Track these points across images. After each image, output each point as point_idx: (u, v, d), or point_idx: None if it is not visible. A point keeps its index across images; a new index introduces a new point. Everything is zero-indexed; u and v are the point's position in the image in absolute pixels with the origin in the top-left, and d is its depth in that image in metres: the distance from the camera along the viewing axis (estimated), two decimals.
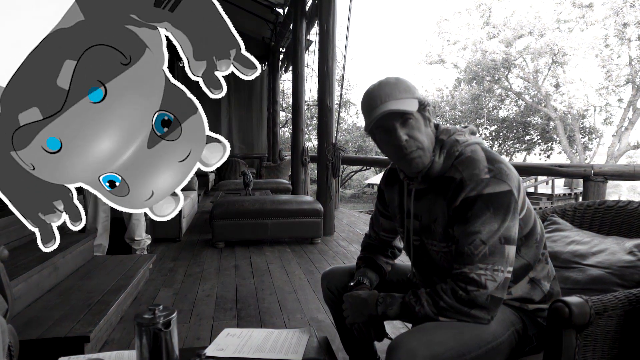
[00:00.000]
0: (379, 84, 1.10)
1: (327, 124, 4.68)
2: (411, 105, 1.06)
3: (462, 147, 1.09)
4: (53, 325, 1.85)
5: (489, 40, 19.17)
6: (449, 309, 0.99)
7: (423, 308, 1.02)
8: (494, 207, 0.99)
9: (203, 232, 4.89)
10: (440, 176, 1.10)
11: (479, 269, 0.97)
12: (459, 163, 1.06)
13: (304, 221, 4.24)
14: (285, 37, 8.75)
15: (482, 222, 0.99)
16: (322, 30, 4.58)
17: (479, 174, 1.02)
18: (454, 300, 0.98)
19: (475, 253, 0.98)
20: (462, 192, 1.02)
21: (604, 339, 0.96)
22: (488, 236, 0.98)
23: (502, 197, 1.00)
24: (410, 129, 1.07)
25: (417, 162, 1.08)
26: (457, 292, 0.98)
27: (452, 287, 0.99)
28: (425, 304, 1.02)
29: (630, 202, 1.41)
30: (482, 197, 1.00)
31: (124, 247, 3.55)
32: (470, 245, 0.99)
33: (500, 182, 1.01)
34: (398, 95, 1.06)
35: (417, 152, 1.07)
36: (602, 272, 1.18)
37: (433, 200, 1.12)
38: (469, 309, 0.98)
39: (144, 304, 2.61)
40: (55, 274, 2.42)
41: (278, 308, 2.56)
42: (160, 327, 0.99)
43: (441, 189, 1.09)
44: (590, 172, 3.53)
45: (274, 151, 10.34)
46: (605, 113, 18.16)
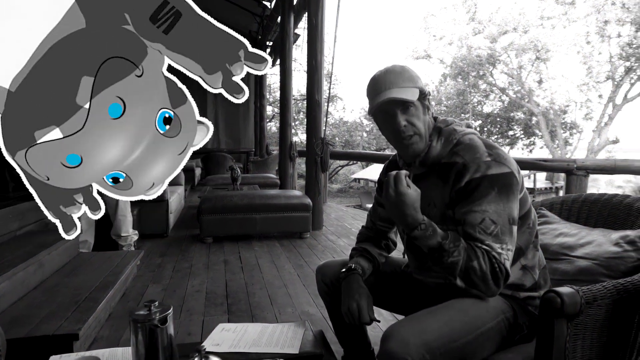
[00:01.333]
0: (385, 71, 1.16)
1: (315, 119, 4.68)
2: (412, 94, 1.11)
3: (459, 135, 1.15)
4: (40, 323, 1.82)
5: (474, 36, 19.38)
6: (478, 272, 1.00)
7: (457, 261, 1.01)
8: (498, 187, 1.04)
9: (190, 227, 4.85)
10: (439, 162, 1.15)
11: (498, 248, 1.01)
12: (459, 149, 1.12)
13: (292, 216, 4.24)
14: (272, 30, 8.67)
15: (488, 202, 1.03)
16: (311, 24, 4.55)
17: (481, 157, 1.07)
18: (489, 267, 1.00)
19: (488, 232, 1.01)
20: (467, 173, 1.06)
21: (593, 327, 0.99)
22: (496, 216, 1.02)
23: (505, 178, 1.05)
24: (409, 115, 1.13)
25: (414, 147, 1.15)
26: (493, 262, 1.00)
27: (488, 256, 1.00)
28: (461, 257, 1.01)
29: (615, 195, 1.45)
30: (487, 177, 1.04)
31: (111, 244, 3.50)
32: (482, 225, 1.02)
33: (501, 165, 1.06)
34: (401, 84, 1.12)
35: (414, 138, 1.14)
36: (589, 264, 1.21)
37: (430, 185, 1.15)
38: (491, 280, 1.00)
39: (132, 301, 2.58)
40: (40, 271, 2.37)
41: (269, 302, 2.57)
42: (157, 324, 0.98)
43: (441, 174, 1.13)
44: (573, 166, 3.62)
45: (261, 146, 10.29)
46: (585, 109, 18.56)
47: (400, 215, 1.05)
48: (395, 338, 0.93)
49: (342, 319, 1.39)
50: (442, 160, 1.14)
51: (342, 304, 1.22)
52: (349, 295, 1.20)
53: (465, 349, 0.97)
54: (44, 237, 2.79)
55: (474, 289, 1.03)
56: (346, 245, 4.03)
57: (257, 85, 10.42)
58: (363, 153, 12.11)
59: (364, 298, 1.19)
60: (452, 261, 1.01)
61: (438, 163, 1.15)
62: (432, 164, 1.16)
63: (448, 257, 1.02)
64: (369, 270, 1.31)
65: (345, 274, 1.26)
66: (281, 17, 6.32)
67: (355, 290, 1.21)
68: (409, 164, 1.22)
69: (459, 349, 0.96)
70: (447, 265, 1.02)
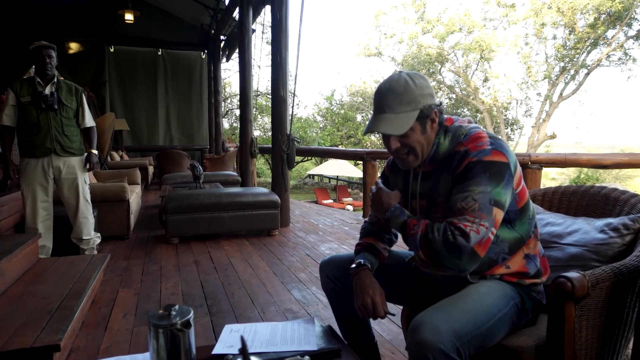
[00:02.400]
0: (388, 88, 1.16)
1: (281, 115, 4.65)
2: (408, 121, 1.14)
3: (466, 130, 1.18)
4: (14, 336, 1.69)
5: (424, 35, 20.01)
6: (434, 243, 1.07)
7: (416, 232, 1.12)
8: (490, 172, 1.08)
9: (152, 227, 4.67)
10: (447, 154, 1.19)
11: (467, 220, 1.05)
12: (464, 139, 1.16)
13: (261, 213, 4.19)
14: (227, 24, 8.47)
15: (476, 183, 1.07)
16: (275, 20, 4.50)
17: (482, 145, 1.11)
18: (441, 239, 1.06)
19: (466, 207, 1.06)
20: (466, 159, 1.11)
21: (595, 308, 1.07)
22: (479, 196, 1.06)
23: (499, 166, 1.09)
24: (403, 138, 1.16)
25: (407, 163, 1.22)
26: (447, 233, 1.05)
27: (444, 227, 1.07)
28: (420, 231, 1.12)
29: (592, 187, 1.57)
30: (481, 162, 1.09)
31: (70, 248, 3.29)
32: (463, 202, 1.07)
33: (499, 154, 1.10)
34: (399, 109, 1.14)
35: (409, 157, 1.20)
36: (580, 250, 1.31)
37: (438, 177, 1.20)
38: (448, 251, 1.05)
39: (104, 307, 2.45)
40: (2, 279, 2.20)
41: (250, 301, 2.53)
42: (181, 328, 0.94)
43: (446, 165, 1.17)
44: (528, 160, 3.87)
45: (217, 143, 10.03)
46: (525, 106, 19.80)
47: (377, 206, 1.25)
48: (426, 327, 0.95)
49: (346, 314, 1.41)
50: (450, 152, 1.18)
51: (355, 299, 1.24)
52: (363, 291, 1.22)
53: (487, 334, 1.03)
54: (0, 243, 2.58)
55: (440, 264, 1.07)
56: (316, 241, 4.05)
57: (211, 82, 10.15)
58: (327, 149, 12.18)
59: (378, 293, 1.21)
60: (412, 233, 1.13)
61: (446, 156, 1.19)
62: (441, 160, 1.20)
63: (410, 230, 1.14)
64: (376, 264, 1.33)
65: (355, 269, 1.28)
66: (240, 11, 6.18)
67: (368, 285, 1.22)
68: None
69: (482, 335, 1.01)
70: (411, 238, 1.13)
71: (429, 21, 19.68)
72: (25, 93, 2.92)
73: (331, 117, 22.92)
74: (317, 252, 3.66)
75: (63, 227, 3.28)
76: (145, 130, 10.24)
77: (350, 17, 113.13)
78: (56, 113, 2.97)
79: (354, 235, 4.28)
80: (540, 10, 16.99)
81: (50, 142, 2.97)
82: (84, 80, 8.47)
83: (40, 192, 3.02)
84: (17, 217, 3.49)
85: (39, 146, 2.96)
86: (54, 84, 2.99)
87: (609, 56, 16.90)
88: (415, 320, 0.99)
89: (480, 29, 18.94)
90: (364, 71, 43.43)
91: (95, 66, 9.33)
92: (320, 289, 2.70)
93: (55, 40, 3.37)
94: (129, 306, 2.47)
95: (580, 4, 15.87)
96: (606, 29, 16.13)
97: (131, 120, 9.86)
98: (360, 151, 5.77)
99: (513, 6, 18.38)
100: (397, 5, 20.93)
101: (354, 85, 22.89)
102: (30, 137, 2.95)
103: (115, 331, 2.14)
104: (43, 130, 2.94)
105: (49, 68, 2.95)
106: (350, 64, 68.06)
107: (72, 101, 3.07)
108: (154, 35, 9.74)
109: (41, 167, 2.99)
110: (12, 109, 2.93)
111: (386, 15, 21.24)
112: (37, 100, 2.91)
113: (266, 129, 20.83)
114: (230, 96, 19.23)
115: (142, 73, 9.98)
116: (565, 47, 17.29)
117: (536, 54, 18.59)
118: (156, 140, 10.31)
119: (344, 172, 17.52)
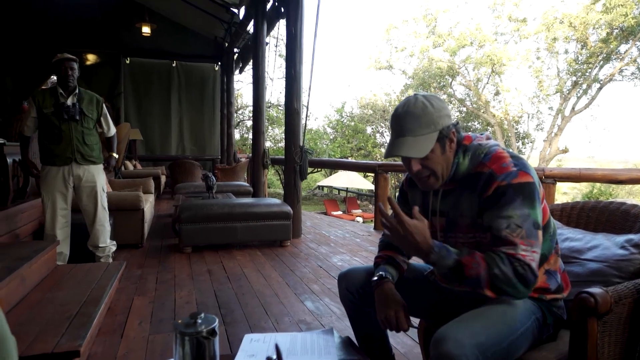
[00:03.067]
0: (406, 111, 1.16)
1: (294, 127, 4.69)
2: (428, 143, 1.14)
3: (486, 149, 1.19)
4: (34, 341, 1.72)
5: (435, 48, 20.09)
6: (501, 277, 1.04)
7: (479, 272, 1.05)
8: (523, 195, 1.09)
9: (164, 236, 4.71)
10: (467, 174, 1.19)
11: (523, 250, 1.05)
12: (486, 159, 1.16)
13: (273, 224, 4.22)
14: (241, 37, 8.62)
15: (513, 208, 1.08)
16: (290, 34, 4.58)
17: (507, 166, 1.12)
18: (512, 272, 1.03)
19: (514, 235, 1.06)
20: (494, 182, 1.11)
21: (617, 325, 1.07)
22: (522, 220, 1.07)
23: (529, 187, 1.10)
24: (424, 160, 1.17)
25: (429, 185, 1.21)
26: (514, 265, 1.04)
27: (508, 260, 1.04)
28: (482, 269, 1.05)
29: (611, 203, 1.56)
30: (512, 185, 1.09)
31: (86, 255, 3.33)
32: (508, 229, 1.07)
33: (525, 175, 1.11)
34: (418, 132, 1.14)
35: (431, 180, 1.20)
36: (600, 266, 1.31)
37: (459, 196, 1.20)
38: (518, 282, 1.04)
39: (120, 315, 2.48)
40: (22, 285, 2.24)
41: (263, 312, 2.54)
42: (206, 335, 0.96)
43: (468, 184, 1.18)
44: (542, 174, 3.84)
45: (229, 153, 10.12)
46: (537, 120, 19.69)
47: (412, 246, 1.10)
48: (450, 340, 0.96)
49: (365, 326, 1.42)
50: (470, 172, 1.19)
51: (377, 312, 1.24)
52: (385, 304, 1.23)
53: (509, 348, 1.03)
54: (20, 249, 2.63)
55: (504, 295, 1.07)
56: (328, 252, 4.05)
57: (224, 93, 10.29)
58: (339, 161, 12.23)
59: (400, 306, 1.22)
60: (473, 273, 1.06)
61: (467, 175, 1.20)
62: (461, 179, 1.20)
63: (469, 270, 1.06)
64: (397, 277, 1.34)
65: (377, 282, 1.29)
66: (254, 25, 6.30)
67: (391, 298, 1.23)
68: None
69: (504, 349, 1.01)
70: (472, 278, 1.06)
71: (440, 35, 19.78)
72: (48, 104, 3.00)
73: (341, 129, 23.02)
74: (329, 263, 3.67)
75: (79, 234, 3.33)
76: (158, 140, 10.41)
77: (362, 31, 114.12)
78: (77, 123, 3.05)
79: (365, 247, 4.27)
80: (552, 25, 17.00)
81: (72, 151, 3.04)
82: (99, 90, 8.57)
83: (59, 199, 3.08)
84: (36, 224, 3.56)
85: (60, 155, 3.03)
86: (75, 95, 3.07)
87: (622, 71, 16.80)
88: (439, 333, 1.00)
89: (492, 43, 18.98)
90: (375, 84, 43.64)
91: (111, 77, 9.55)
92: (334, 300, 2.71)
93: (72, 51, 3.47)
94: (144, 314, 2.49)
95: (593, 19, 15.85)
96: (619, 44, 16.06)
97: (145, 131, 10.03)
98: (372, 163, 5.79)
99: (524, 21, 18.42)
100: (408, 19, 21.12)
101: (364, 98, 22.99)
102: (52, 146, 3.02)
103: (131, 338, 2.16)
104: (65, 140, 3.02)
105: (71, 80, 3.04)
106: (361, 77, 68.45)
107: (93, 111, 3.15)
108: (168, 48, 9.95)
109: (62, 175, 3.06)
110: (33, 120, 3.02)
111: (397, 29, 21.40)
112: (59, 111, 2.99)
113: (277, 140, 20.98)
114: (241, 107, 19.43)
115: (157, 84, 10.19)
116: (577, 61, 17.23)
117: (548, 68, 18.55)
118: (169, 150, 10.47)
119: (353, 184, 17.52)
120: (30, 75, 8.54)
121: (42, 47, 8.42)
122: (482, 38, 18.93)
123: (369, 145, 21.48)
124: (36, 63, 8.45)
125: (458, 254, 1.09)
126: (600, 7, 15.75)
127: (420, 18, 20.34)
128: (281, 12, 5.06)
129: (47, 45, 8.38)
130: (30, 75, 8.53)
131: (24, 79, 8.45)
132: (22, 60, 8.30)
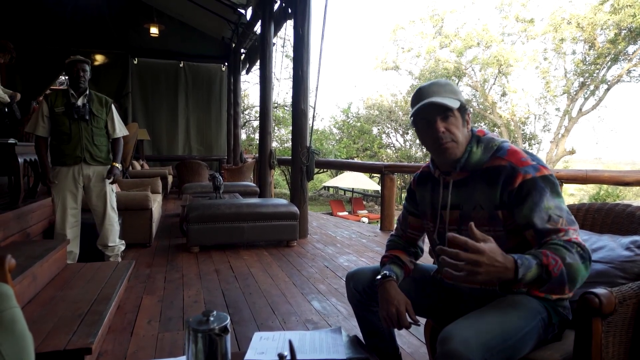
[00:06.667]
0: (430, 83, 1.24)
1: (301, 128, 4.72)
2: (453, 103, 1.19)
3: (498, 142, 1.23)
4: (47, 338, 1.75)
5: (441, 49, 20.04)
6: (574, 265, 1.01)
7: (559, 268, 1.00)
8: (550, 187, 1.13)
9: (172, 236, 4.76)
10: (481, 167, 1.21)
11: (573, 233, 1.08)
12: (502, 154, 1.19)
13: (280, 224, 4.25)
14: (248, 37, 8.66)
15: (547, 199, 1.11)
16: (297, 35, 4.61)
17: (527, 160, 1.16)
18: (577, 255, 1.03)
19: (560, 223, 1.09)
20: (518, 174, 1.14)
21: (622, 325, 1.08)
22: (558, 210, 1.10)
23: (552, 179, 1.14)
24: (448, 123, 1.20)
25: (450, 152, 1.21)
26: (576, 248, 1.04)
27: (567, 245, 1.04)
28: (560, 264, 1.00)
29: (617, 205, 1.57)
30: (538, 178, 1.13)
31: (95, 254, 3.38)
32: (552, 220, 1.09)
33: (545, 168, 1.16)
34: (444, 94, 1.20)
35: (451, 144, 1.21)
36: (606, 267, 1.32)
37: (473, 189, 1.22)
38: (584, 265, 1.03)
39: (129, 313, 2.52)
40: (34, 283, 2.28)
41: (270, 311, 2.57)
42: (219, 333, 0.99)
43: (486, 178, 1.20)
44: None
45: (235, 153, 10.18)
46: (543, 121, 19.56)
47: (500, 271, 0.98)
48: (456, 339, 0.98)
49: (372, 325, 1.44)
50: (485, 165, 1.21)
51: (380, 309, 1.27)
52: (388, 301, 1.25)
53: (515, 347, 1.04)
54: (31, 248, 2.68)
55: (578, 283, 1.04)
56: (334, 253, 4.07)
57: (230, 94, 10.35)
58: (345, 162, 12.26)
59: (403, 303, 1.24)
60: (557, 271, 1.00)
61: (480, 168, 1.22)
62: (474, 170, 1.23)
63: (553, 268, 1.00)
64: (401, 276, 1.36)
65: (381, 280, 1.31)
66: (261, 26, 6.34)
67: (393, 295, 1.26)
68: (446, 173, 1.28)
69: (510, 348, 1.03)
70: (557, 277, 1.00)
71: (446, 36, 19.73)
72: (59, 104, 3.05)
73: (347, 129, 23.01)
74: (335, 263, 3.69)
75: (89, 234, 3.38)
76: (166, 140, 10.48)
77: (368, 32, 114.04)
78: (87, 123, 3.10)
79: (372, 248, 4.29)
80: (559, 26, 16.89)
81: (81, 150, 3.09)
82: (107, 90, 8.73)
83: (70, 199, 3.13)
84: (46, 223, 3.61)
85: (70, 154, 3.08)
86: (86, 96, 3.12)
87: (630, 72, 16.65)
88: (445, 332, 1.02)
89: (498, 44, 18.90)
90: (381, 84, 43.51)
91: (118, 77, 9.64)
92: (340, 300, 2.73)
93: (81, 51, 3.52)
94: (153, 313, 2.53)
95: (601, 20, 15.73)
96: (627, 45, 15.92)
97: (152, 131, 10.11)
98: (379, 164, 5.80)
99: (532, 21, 18.32)
100: (415, 20, 21.09)
101: (370, 99, 22.99)
102: (62, 146, 3.07)
103: (141, 337, 2.19)
104: (74, 139, 3.07)
105: (82, 81, 3.09)
106: (367, 77, 68.31)
107: (102, 112, 3.19)
108: (176, 48, 10.02)
109: (72, 175, 3.11)
110: (46, 120, 3.07)
111: (404, 29, 21.37)
112: (70, 111, 3.04)
113: (283, 140, 21.02)
114: (248, 107, 19.49)
115: (164, 85, 10.27)
116: (584, 62, 17.11)
117: (555, 69, 18.42)
118: (175, 150, 10.55)
119: (359, 184, 17.52)
120: (39, 75, 8.63)
121: (51, 47, 8.52)
122: (489, 39, 18.86)
123: (375, 146, 21.46)
124: (45, 63, 8.54)
125: (533, 258, 1.01)
126: (608, 8, 15.62)
127: (427, 18, 20.29)
128: (288, 13, 5.10)
129: (56, 46, 8.49)
130: (39, 75, 8.62)
131: (32, 78, 8.54)
132: (30, 60, 8.39)
